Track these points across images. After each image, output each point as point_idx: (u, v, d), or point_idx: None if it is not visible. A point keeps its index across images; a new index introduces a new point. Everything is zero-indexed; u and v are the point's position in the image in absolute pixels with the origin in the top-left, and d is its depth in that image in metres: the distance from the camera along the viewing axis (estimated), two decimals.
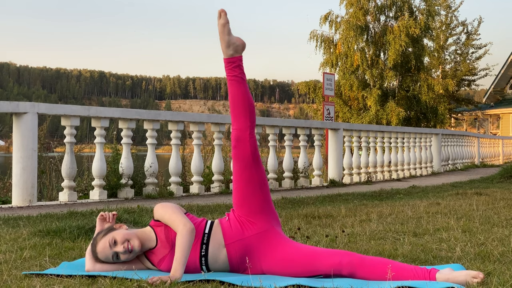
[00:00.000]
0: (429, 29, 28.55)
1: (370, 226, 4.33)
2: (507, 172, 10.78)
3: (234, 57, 2.76)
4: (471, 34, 34.72)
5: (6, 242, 3.58)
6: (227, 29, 2.74)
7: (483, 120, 38.77)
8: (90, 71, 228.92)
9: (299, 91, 29.42)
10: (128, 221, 4.04)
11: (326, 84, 14.27)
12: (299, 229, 4.04)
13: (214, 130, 8.48)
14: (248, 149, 2.72)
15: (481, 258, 3.05)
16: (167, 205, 2.71)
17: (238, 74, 2.75)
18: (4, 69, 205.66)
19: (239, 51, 2.77)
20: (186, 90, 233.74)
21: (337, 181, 10.40)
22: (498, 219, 4.74)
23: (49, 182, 8.53)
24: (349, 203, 6.32)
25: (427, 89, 27.67)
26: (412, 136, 13.75)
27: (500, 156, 25.00)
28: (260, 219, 2.70)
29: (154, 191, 7.49)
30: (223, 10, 2.74)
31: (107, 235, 2.68)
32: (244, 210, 2.71)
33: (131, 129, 7.51)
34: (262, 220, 2.70)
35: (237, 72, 2.75)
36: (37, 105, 6.54)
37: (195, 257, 2.65)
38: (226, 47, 2.75)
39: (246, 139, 2.72)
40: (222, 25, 2.74)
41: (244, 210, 2.71)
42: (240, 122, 2.73)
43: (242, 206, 2.72)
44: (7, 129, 12.98)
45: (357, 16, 27.37)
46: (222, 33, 2.74)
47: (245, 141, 2.72)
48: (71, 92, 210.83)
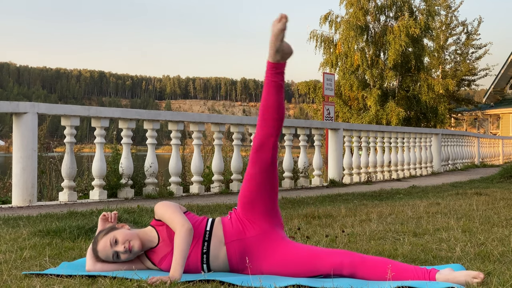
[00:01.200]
0: (429, 29, 28.55)
1: (370, 226, 4.33)
2: (507, 172, 10.78)
3: (279, 63, 2.71)
4: (471, 34, 34.72)
5: (6, 242, 3.58)
6: (282, 35, 2.66)
7: (483, 120, 38.76)
8: (90, 71, 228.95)
9: (299, 91, 29.43)
10: (128, 221, 4.04)
11: (326, 84, 14.26)
12: (299, 229, 4.04)
13: (214, 130, 8.48)
14: (269, 155, 2.71)
15: (481, 258, 3.05)
16: (167, 204, 2.72)
17: (280, 80, 2.71)
18: (4, 69, 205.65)
19: (286, 58, 2.72)
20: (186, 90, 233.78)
21: (337, 181, 10.40)
22: (498, 219, 4.74)
23: (49, 182, 8.53)
24: (349, 203, 6.32)
25: (427, 89, 27.67)
26: (412, 136, 13.75)
27: (500, 156, 25.00)
28: (262, 221, 2.70)
29: (154, 191, 7.49)
30: (285, 16, 2.65)
31: (109, 234, 2.69)
32: (248, 211, 2.71)
33: (131, 129, 7.51)
34: (264, 222, 2.71)
35: (279, 78, 2.71)
36: (37, 105, 6.54)
37: (196, 255, 2.66)
38: (275, 52, 2.67)
39: (270, 146, 2.70)
40: (280, 30, 2.65)
41: (248, 212, 2.71)
42: (268, 128, 2.71)
43: (247, 208, 2.71)
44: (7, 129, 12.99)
45: (357, 16, 27.37)
46: (276, 38, 2.65)
47: (268, 147, 2.70)
48: (71, 92, 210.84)
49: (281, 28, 2.65)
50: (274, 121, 2.70)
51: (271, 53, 2.68)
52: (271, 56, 2.69)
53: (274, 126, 2.71)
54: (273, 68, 2.70)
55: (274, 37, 2.65)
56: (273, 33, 2.66)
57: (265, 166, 2.70)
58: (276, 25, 2.65)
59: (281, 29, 2.65)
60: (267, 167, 2.70)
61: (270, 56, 2.69)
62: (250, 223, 2.70)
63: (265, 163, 2.70)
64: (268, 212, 2.72)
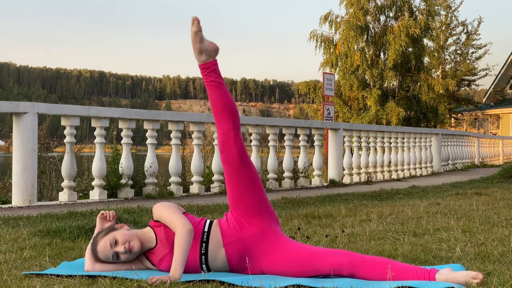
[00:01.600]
0: (429, 29, 28.55)
1: (370, 226, 4.33)
2: (507, 172, 10.78)
3: (207, 62, 2.75)
4: (471, 34, 34.72)
5: (6, 242, 3.58)
6: (199, 37, 2.72)
7: (483, 120, 38.78)
8: (90, 71, 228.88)
9: (299, 91, 29.42)
10: (128, 221, 4.04)
11: (326, 84, 14.27)
12: (299, 229, 4.04)
13: (214, 130, 8.48)
14: (234, 151, 2.71)
15: (481, 258, 3.05)
16: (166, 205, 2.72)
17: (215, 78, 2.74)
18: (4, 69, 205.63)
19: (212, 55, 2.75)
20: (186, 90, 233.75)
21: (337, 181, 10.40)
22: (498, 219, 4.74)
23: (49, 182, 8.53)
24: (349, 203, 6.32)
25: (427, 89, 27.67)
26: (412, 136, 13.75)
27: (500, 156, 24.99)
28: (257, 219, 2.70)
29: (154, 191, 7.49)
30: (196, 18, 2.72)
31: (108, 235, 2.69)
32: (240, 211, 2.72)
33: (131, 129, 7.51)
34: (259, 220, 2.70)
35: (214, 77, 2.74)
36: (37, 105, 6.54)
37: (195, 256, 2.66)
38: (199, 54, 2.74)
39: (231, 141, 2.70)
40: (195, 32, 2.72)
41: (240, 211, 2.72)
42: (223, 126, 2.72)
43: (237, 208, 2.72)
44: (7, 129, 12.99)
45: (357, 16, 27.37)
46: (194, 41, 2.73)
47: (230, 144, 2.71)
48: (71, 92, 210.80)
49: (196, 31, 2.72)
50: (226, 116, 2.72)
51: (196, 56, 2.75)
52: (197, 59, 2.75)
53: (228, 120, 2.72)
54: (204, 69, 2.75)
55: (193, 40, 2.73)
56: (191, 38, 2.74)
57: (236, 164, 2.71)
58: (191, 29, 2.72)
59: (195, 31, 2.72)
60: (237, 165, 2.71)
61: (197, 60, 2.75)
62: (246, 222, 2.70)
63: (234, 161, 2.71)
64: (258, 207, 2.72)
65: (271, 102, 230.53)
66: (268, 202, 2.79)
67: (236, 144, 2.71)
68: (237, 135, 2.72)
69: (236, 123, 2.73)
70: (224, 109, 2.73)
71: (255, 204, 2.71)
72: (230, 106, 2.73)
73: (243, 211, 2.71)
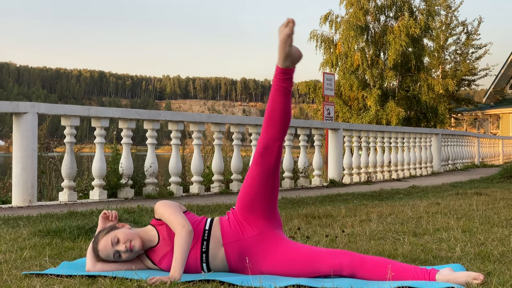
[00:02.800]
0: (429, 29, 28.55)
1: (370, 226, 4.33)
2: (507, 172, 10.78)
3: (289, 68, 2.66)
4: (471, 34, 34.72)
5: (6, 242, 3.58)
6: (290, 41, 2.61)
7: (483, 120, 38.76)
8: (90, 71, 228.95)
9: (299, 91, 29.42)
10: (128, 221, 4.04)
11: (326, 84, 14.26)
12: (299, 229, 4.04)
13: (214, 130, 8.48)
14: (273, 159, 2.69)
15: (481, 258, 3.05)
16: (168, 204, 2.72)
17: (288, 86, 2.68)
18: (4, 69, 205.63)
19: (295, 63, 2.67)
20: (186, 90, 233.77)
21: (337, 181, 10.40)
22: (498, 219, 4.74)
23: (49, 182, 8.53)
24: (349, 203, 6.32)
25: (427, 89, 27.67)
26: (412, 136, 13.75)
27: (500, 156, 24.99)
28: (260, 222, 2.70)
29: (154, 191, 7.49)
30: (292, 20, 2.60)
31: (110, 234, 2.69)
32: (246, 212, 2.70)
33: (131, 129, 7.51)
34: (262, 223, 2.70)
35: (287, 84, 2.67)
36: (37, 105, 6.54)
37: (196, 254, 2.66)
38: (284, 58, 2.63)
39: (275, 149, 2.68)
40: (287, 35, 2.59)
41: (246, 213, 2.70)
42: (273, 132, 2.68)
43: (246, 209, 2.71)
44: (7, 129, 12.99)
45: (357, 16, 27.37)
46: (284, 43, 2.60)
47: (273, 151, 2.68)
48: (71, 92, 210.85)
49: (288, 34, 2.59)
50: (280, 125, 2.68)
51: (280, 59, 2.63)
52: (280, 62, 2.64)
53: (280, 130, 2.68)
54: (282, 73, 2.66)
55: (282, 42, 2.60)
56: (280, 39, 2.61)
57: (268, 169, 2.68)
58: (283, 30, 2.60)
59: (288, 34, 2.59)
60: (270, 170, 2.69)
61: (279, 62, 2.64)
62: (248, 224, 2.70)
63: (268, 166, 2.68)
64: (267, 214, 2.71)
65: None
66: (277, 210, 2.78)
67: (277, 153, 2.69)
68: (281, 146, 2.71)
69: (285, 134, 2.71)
70: (282, 116, 2.68)
71: (264, 209, 2.71)
72: (288, 116, 2.70)
73: (250, 213, 2.70)
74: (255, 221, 2.69)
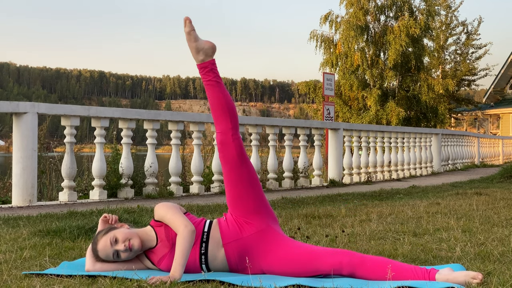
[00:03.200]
0: (429, 29, 28.55)
1: (370, 226, 4.33)
2: (507, 172, 10.78)
3: (205, 62, 2.74)
4: (471, 34, 34.72)
5: (6, 242, 3.58)
6: (193, 36, 2.73)
7: (483, 120, 38.78)
8: (90, 71, 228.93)
9: (299, 91, 29.43)
10: (128, 221, 4.04)
11: (326, 84, 14.26)
12: (299, 229, 4.04)
13: (214, 130, 8.46)
14: (233, 150, 2.71)
15: (481, 258, 3.05)
16: (168, 205, 2.72)
17: (213, 78, 2.74)
18: (4, 69, 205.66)
19: (210, 54, 2.74)
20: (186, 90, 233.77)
21: (337, 181, 10.40)
22: (498, 219, 4.74)
23: (49, 182, 8.53)
24: (349, 203, 6.32)
25: (427, 89, 27.67)
26: (412, 136, 13.75)
27: (500, 156, 24.99)
28: (256, 219, 2.71)
29: (154, 191, 7.49)
30: (187, 18, 2.74)
31: (108, 233, 2.69)
32: (238, 210, 2.72)
33: (131, 129, 7.51)
34: (258, 220, 2.71)
35: (212, 76, 2.74)
36: (37, 105, 6.54)
37: (195, 256, 2.66)
38: (196, 53, 2.74)
39: (230, 141, 2.71)
40: (188, 33, 2.74)
41: (238, 211, 2.72)
42: (222, 125, 2.73)
43: (236, 207, 2.73)
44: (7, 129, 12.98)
45: (357, 16, 27.37)
46: (189, 41, 2.74)
47: (228, 143, 2.71)
48: (71, 92, 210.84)
49: (188, 31, 2.74)
50: (224, 115, 2.72)
51: (193, 56, 2.76)
52: (195, 59, 2.75)
53: (226, 120, 2.72)
54: (202, 68, 2.75)
55: (188, 40, 2.74)
56: (186, 38, 2.75)
57: (234, 163, 2.71)
58: (184, 29, 2.74)
59: (188, 31, 2.74)
60: (236, 164, 2.71)
61: (194, 59, 2.75)
62: (245, 223, 2.70)
63: (233, 160, 2.71)
64: (257, 207, 2.72)
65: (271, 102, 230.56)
66: (267, 202, 2.79)
67: (234, 143, 2.71)
68: (235, 134, 2.72)
69: (234, 122, 2.73)
70: (222, 108, 2.73)
71: (254, 204, 2.71)
72: (228, 105, 2.73)
73: (241, 210, 2.71)
74: (251, 218, 2.70)
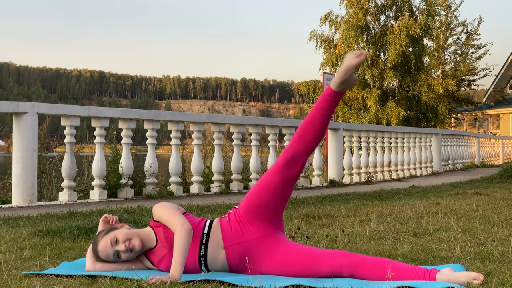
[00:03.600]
0: (429, 29, 28.55)
1: (370, 226, 4.33)
2: (507, 172, 10.78)
3: (340, 92, 2.70)
4: (471, 34, 34.74)
5: (6, 242, 3.58)
6: (355, 70, 2.66)
7: (483, 120, 38.78)
8: (90, 71, 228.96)
9: (299, 91, 29.43)
10: (128, 221, 4.04)
11: (326, 84, 14.24)
12: (299, 229, 4.04)
13: (214, 130, 8.48)
14: (297, 170, 2.72)
15: (481, 258, 3.05)
16: (166, 205, 2.71)
17: (332, 108, 2.71)
18: (4, 69, 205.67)
19: (347, 89, 2.71)
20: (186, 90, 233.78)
21: (337, 181, 10.40)
22: (498, 219, 4.74)
23: (49, 182, 8.53)
24: (349, 203, 6.32)
25: (427, 89, 27.67)
26: (412, 136, 13.75)
27: (500, 156, 25.00)
28: (264, 227, 2.69)
29: (154, 191, 7.49)
30: (366, 54, 2.64)
31: (109, 234, 2.69)
32: (251, 215, 2.69)
33: (131, 129, 7.51)
34: (265, 228, 2.70)
35: (333, 106, 2.71)
36: (37, 105, 6.54)
37: (194, 257, 2.66)
38: (341, 83, 2.66)
39: (301, 162, 2.72)
40: (355, 66, 2.63)
41: (250, 215, 2.69)
42: (304, 146, 2.71)
43: (251, 212, 2.70)
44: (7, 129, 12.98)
45: (357, 16, 27.38)
46: (347, 71, 2.63)
47: (299, 163, 2.72)
48: (71, 92, 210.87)
49: (357, 65, 2.63)
50: (313, 141, 2.72)
51: (336, 82, 2.67)
52: (335, 85, 2.68)
53: (311, 146, 2.72)
54: (333, 95, 2.69)
55: (347, 69, 2.63)
56: (347, 65, 2.63)
57: (288, 180, 2.71)
58: (353, 59, 2.63)
59: (357, 66, 2.63)
60: (290, 181, 2.72)
61: (334, 84, 2.68)
62: (250, 225, 2.69)
63: (290, 177, 2.71)
64: (273, 220, 2.72)
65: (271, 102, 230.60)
66: (282, 216, 2.79)
67: (302, 166, 2.73)
68: (306, 160, 2.75)
69: (313, 150, 2.76)
70: (317, 135, 2.72)
71: (271, 216, 2.71)
72: (322, 135, 2.74)
73: (255, 218, 2.70)
74: (259, 224, 2.69)
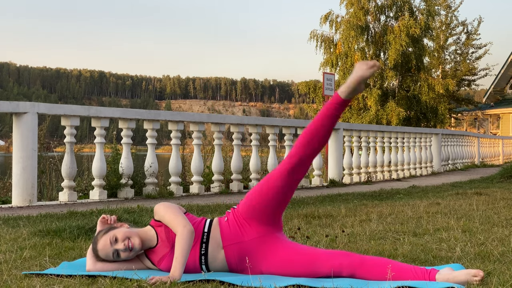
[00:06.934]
0: (429, 29, 28.57)
1: (370, 226, 4.33)
2: (507, 172, 10.78)
3: (347, 100, 2.72)
4: (471, 34, 34.75)
5: (6, 242, 3.58)
6: (365, 80, 2.69)
7: (483, 120, 38.78)
8: (90, 71, 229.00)
9: (299, 91, 29.44)
10: (128, 221, 4.04)
11: (326, 84, 14.26)
12: (299, 229, 4.04)
13: (214, 130, 8.48)
14: (303, 174, 2.75)
15: (481, 258, 3.05)
16: (168, 205, 2.72)
17: (339, 114, 2.73)
18: (4, 69, 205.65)
19: (354, 97, 2.74)
20: (186, 90, 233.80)
21: (337, 181, 10.40)
22: (498, 219, 4.74)
23: (49, 182, 8.53)
24: (349, 203, 6.32)
25: (427, 89, 27.68)
26: (412, 136, 13.75)
27: (500, 156, 24.99)
28: (262, 228, 2.70)
29: (154, 191, 7.49)
30: (379, 66, 2.67)
31: (108, 233, 2.69)
32: (250, 217, 2.69)
33: (131, 129, 7.51)
34: (264, 228, 2.70)
35: (339, 112, 2.72)
36: (37, 105, 6.54)
37: (195, 256, 2.66)
38: (350, 92, 2.69)
39: (307, 166, 2.74)
40: (366, 77, 2.66)
41: (250, 217, 2.69)
42: (312, 150, 2.71)
43: (250, 213, 2.70)
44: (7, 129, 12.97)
45: (357, 16, 27.39)
46: (358, 81, 2.66)
47: (305, 167, 2.73)
48: (71, 92, 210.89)
49: (368, 76, 2.67)
50: (319, 146, 2.73)
51: (345, 91, 2.69)
52: (343, 93, 2.69)
53: (317, 151, 2.74)
54: (340, 103, 2.71)
55: (357, 79, 2.66)
56: (357, 75, 2.66)
57: (293, 184, 2.72)
58: (365, 71, 2.66)
59: (368, 77, 2.67)
60: (293, 185, 2.73)
61: (342, 92, 2.69)
62: (249, 226, 2.69)
63: (295, 181, 2.72)
64: (272, 221, 2.72)
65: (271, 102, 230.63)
66: (281, 217, 2.79)
67: (306, 171, 2.76)
68: (310, 163, 2.77)
69: (317, 154, 2.77)
70: (323, 140, 2.73)
71: (271, 218, 2.72)
72: (327, 140, 2.76)
73: (254, 218, 2.70)
74: (258, 225, 2.69)
